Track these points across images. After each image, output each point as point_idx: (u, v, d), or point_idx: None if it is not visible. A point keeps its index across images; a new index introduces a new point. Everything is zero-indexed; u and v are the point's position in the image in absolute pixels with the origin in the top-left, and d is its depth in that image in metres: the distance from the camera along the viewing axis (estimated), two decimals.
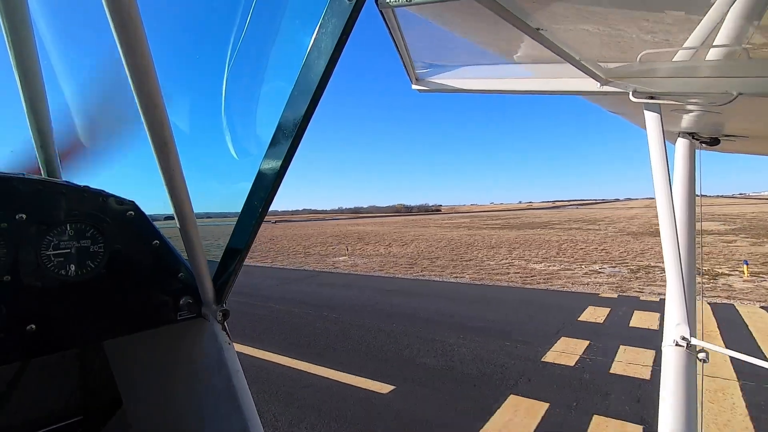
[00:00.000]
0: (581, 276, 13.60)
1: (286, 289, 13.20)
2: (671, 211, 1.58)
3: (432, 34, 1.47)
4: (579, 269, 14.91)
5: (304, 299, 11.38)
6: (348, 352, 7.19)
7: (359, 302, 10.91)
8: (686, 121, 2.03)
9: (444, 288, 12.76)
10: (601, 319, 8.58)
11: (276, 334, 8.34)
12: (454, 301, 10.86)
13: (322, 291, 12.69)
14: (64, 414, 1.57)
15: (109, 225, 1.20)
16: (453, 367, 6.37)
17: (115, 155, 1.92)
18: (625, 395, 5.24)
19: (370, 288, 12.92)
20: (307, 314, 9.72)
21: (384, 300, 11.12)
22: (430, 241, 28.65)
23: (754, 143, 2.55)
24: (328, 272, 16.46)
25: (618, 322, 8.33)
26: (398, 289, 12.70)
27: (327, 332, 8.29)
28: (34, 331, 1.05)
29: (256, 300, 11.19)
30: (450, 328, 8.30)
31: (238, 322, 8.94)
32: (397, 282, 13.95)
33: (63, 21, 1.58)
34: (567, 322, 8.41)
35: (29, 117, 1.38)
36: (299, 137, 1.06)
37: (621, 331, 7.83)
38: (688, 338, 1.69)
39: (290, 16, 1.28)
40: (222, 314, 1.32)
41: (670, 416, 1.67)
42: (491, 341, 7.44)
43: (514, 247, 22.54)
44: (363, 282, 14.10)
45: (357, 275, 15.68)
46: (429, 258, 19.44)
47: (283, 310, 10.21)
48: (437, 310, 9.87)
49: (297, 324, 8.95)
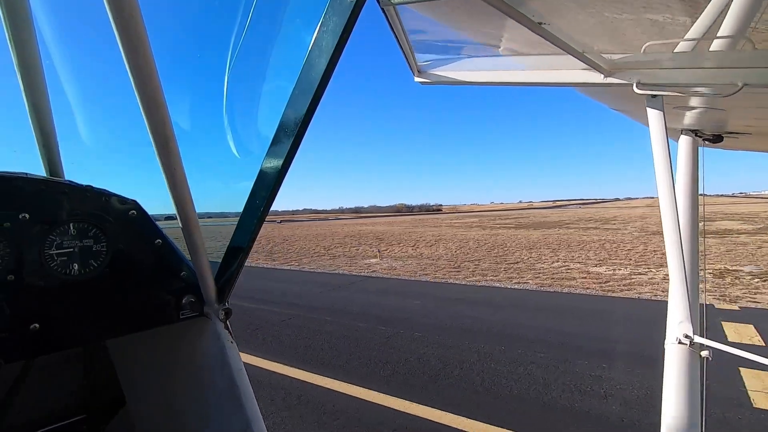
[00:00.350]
0: (661, 281, 11.81)
1: (334, 298, 11.38)
2: (674, 208, 1.57)
3: (434, 26, 1.46)
4: (652, 274, 13.05)
5: (364, 311, 9.61)
6: (462, 389, 5.24)
7: (433, 316, 8.96)
8: (689, 117, 2.02)
9: (514, 296, 10.84)
10: (760, 340, 6.65)
11: (356, 360, 6.40)
12: (542, 312, 8.97)
13: (380, 300, 10.79)
14: (67, 413, 1.58)
15: (111, 224, 1.20)
16: (636, 422, 4.21)
17: (118, 155, 1.92)
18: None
19: (429, 296, 11.05)
20: (380, 332, 7.79)
21: (458, 312, 9.17)
22: (455, 241, 26.81)
23: (757, 140, 2.53)
24: (368, 277, 14.90)
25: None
26: (461, 297, 10.82)
27: (422, 360, 6.29)
28: (37, 330, 1.05)
29: (310, 312, 9.58)
30: (576, 353, 6.32)
31: (305, 341, 7.40)
32: (454, 289, 12.11)
33: (65, 21, 1.58)
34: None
35: (32, 117, 1.38)
36: (300, 136, 1.06)
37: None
38: (691, 336, 1.69)
39: (291, 14, 1.28)
40: (224, 313, 1.32)
41: (672, 414, 1.67)
42: (649, 373, 5.41)
43: (554, 249, 20.45)
44: (415, 289, 12.35)
45: (403, 281, 13.90)
46: (470, 260, 17.76)
47: (347, 325, 8.35)
48: (536, 325, 7.86)
49: (374, 346, 7.01)
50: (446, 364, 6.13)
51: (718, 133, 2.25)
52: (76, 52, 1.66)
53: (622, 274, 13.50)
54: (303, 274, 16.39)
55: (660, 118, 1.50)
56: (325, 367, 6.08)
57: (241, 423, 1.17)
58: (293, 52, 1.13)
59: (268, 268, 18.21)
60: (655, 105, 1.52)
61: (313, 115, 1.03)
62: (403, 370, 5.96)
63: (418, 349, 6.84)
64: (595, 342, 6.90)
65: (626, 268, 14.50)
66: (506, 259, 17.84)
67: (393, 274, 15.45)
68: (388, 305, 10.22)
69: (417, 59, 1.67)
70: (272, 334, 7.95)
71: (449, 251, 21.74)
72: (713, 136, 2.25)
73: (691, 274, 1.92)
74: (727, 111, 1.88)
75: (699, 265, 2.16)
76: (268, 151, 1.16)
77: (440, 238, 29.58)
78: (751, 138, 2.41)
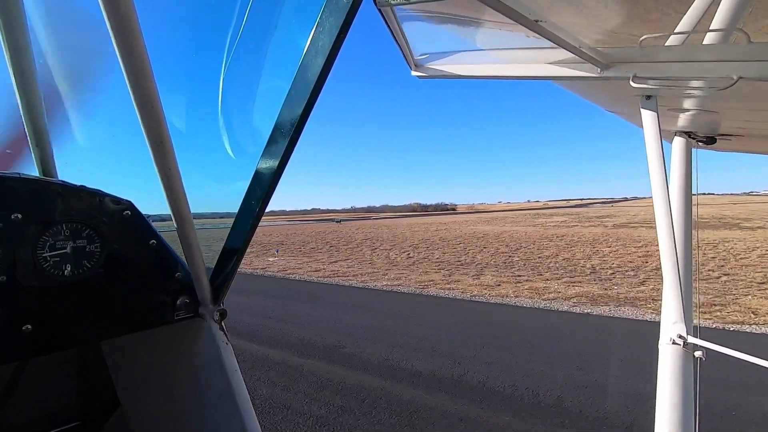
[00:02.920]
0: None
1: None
2: (668, 209, 1.59)
3: (430, 22, 1.47)
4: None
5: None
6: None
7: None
8: (683, 119, 2.04)
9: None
10: None
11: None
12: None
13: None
14: (62, 415, 1.57)
15: (105, 225, 1.19)
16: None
17: (112, 155, 1.91)
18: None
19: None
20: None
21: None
22: (610, 246, 22.43)
23: (750, 142, 2.56)
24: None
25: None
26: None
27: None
28: (30, 331, 1.04)
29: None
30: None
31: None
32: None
33: (59, 21, 1.57)
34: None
35: (24, 116, 1.37)
36: (297, 136, 1.06)
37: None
38: (684, 336, 1.70)
39: (287, 14, 1.28)
40: (219, 314, 1.31)
41: (666, 414, 1.69)
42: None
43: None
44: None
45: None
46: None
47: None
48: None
49: None
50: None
51: (711, 135, 2.28)
52: (69, 52, 1.65)
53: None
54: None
55: (654, 119, 1.51)
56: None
57: (236, 423, 1.16)
58: (289, 52, 1.13)
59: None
60: (649, 106, 1.53)
61: (309, 115, 1.03)
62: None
63: None
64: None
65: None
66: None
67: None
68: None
69: (414, 53, 1.67)
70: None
71: (635, 259, 17.65)
72: (706, 137, 2.27)
73: (684, 275, 1.93)
74: (720, 113, 1.90)
75: (693, 265, 2.18)
76: (264, 151, 1.16)
77: (576, 242, 24.91)
78: (744, 140, 2.44)
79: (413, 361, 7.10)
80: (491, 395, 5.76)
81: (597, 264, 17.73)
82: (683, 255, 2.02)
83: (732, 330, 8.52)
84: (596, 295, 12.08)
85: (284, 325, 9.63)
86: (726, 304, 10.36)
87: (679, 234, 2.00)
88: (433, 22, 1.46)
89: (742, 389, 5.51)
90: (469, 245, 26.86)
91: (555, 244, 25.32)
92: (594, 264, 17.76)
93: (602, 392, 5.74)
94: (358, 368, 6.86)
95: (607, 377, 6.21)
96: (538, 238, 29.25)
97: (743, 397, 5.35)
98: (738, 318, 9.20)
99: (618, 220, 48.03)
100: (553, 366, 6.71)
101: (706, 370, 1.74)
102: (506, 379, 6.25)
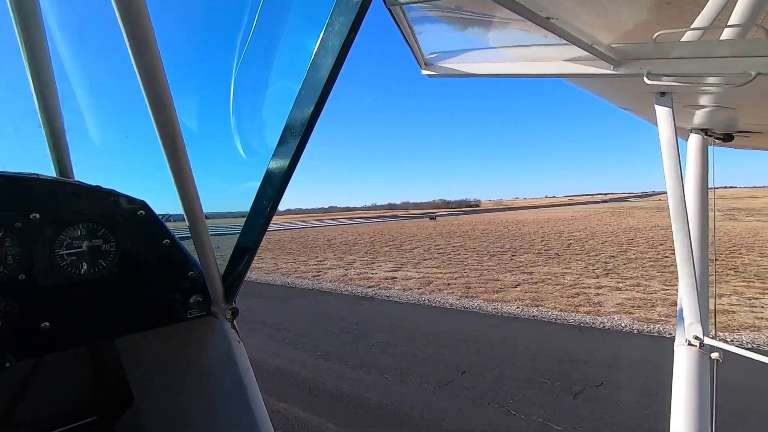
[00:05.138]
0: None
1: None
2: (683, 208, 1.55)
3: (440, 21, 1.46)
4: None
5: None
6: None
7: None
8: (699, 116, 1.99)
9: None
10: None
11: None
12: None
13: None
14: (78, 411, 1.60)
15: (120, 224, 1.21)
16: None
17: (126, 156, 1.94)
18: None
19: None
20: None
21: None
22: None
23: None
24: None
25: None
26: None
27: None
28: (47, 328, 1.07)
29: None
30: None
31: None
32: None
33: (74, 24, 1.60)
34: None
35: (42, 117, 1.40)
36: (307, 136, 1.06)
37: None
38: (701, 338, 1.67)
39: (297, 15, 1.29)
40: (231, 312, 1.33)
41: (681, 417, 1.65)
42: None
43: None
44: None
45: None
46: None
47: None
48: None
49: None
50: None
51: (728, 132, 2.22)
52: (85, 55, 1.68)
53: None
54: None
55: (669, 116, 1.48)
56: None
57: (248, 421, 1.17)
58: (300, 52, 1.13)
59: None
60: (663, 103, 1.50)
61: (319, 115, 1.03)
62: None
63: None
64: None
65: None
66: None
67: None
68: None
69: (423, 52, 1.66)
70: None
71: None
72: (723, 135, 2.22)
73: (701, 276, 1.89)
74: (738, 110, 1.85)
75: (709, 266, 2.13)
76: (275, 151, 1.16)
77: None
78: (763, 137, 2.37)
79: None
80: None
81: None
82: (699, 255, 1.98)
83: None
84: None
85: None
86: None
87: (695, 233, 1.96)
88: (443, 20, 1.45)
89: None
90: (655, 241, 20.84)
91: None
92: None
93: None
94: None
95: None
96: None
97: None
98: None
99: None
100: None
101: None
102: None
